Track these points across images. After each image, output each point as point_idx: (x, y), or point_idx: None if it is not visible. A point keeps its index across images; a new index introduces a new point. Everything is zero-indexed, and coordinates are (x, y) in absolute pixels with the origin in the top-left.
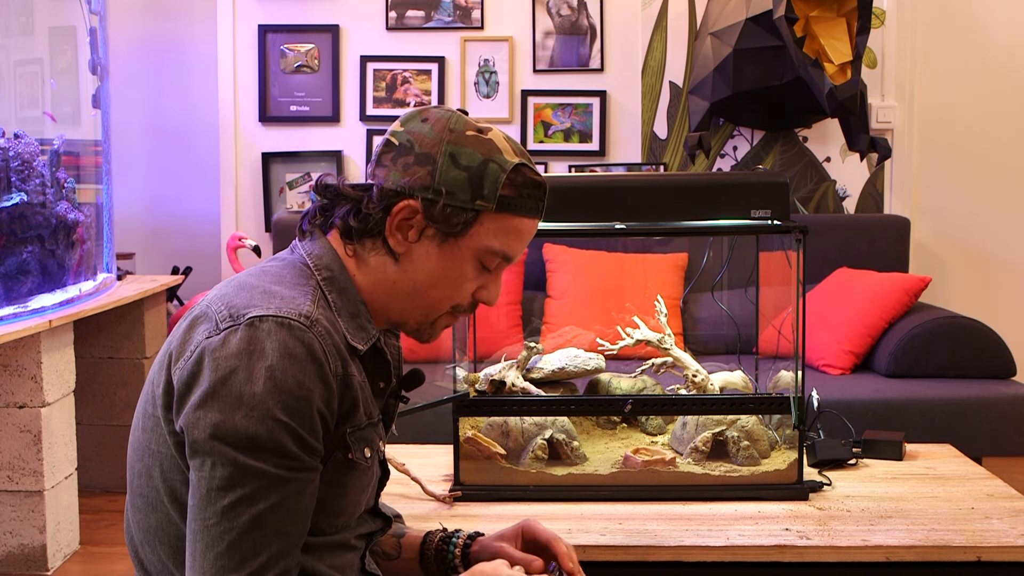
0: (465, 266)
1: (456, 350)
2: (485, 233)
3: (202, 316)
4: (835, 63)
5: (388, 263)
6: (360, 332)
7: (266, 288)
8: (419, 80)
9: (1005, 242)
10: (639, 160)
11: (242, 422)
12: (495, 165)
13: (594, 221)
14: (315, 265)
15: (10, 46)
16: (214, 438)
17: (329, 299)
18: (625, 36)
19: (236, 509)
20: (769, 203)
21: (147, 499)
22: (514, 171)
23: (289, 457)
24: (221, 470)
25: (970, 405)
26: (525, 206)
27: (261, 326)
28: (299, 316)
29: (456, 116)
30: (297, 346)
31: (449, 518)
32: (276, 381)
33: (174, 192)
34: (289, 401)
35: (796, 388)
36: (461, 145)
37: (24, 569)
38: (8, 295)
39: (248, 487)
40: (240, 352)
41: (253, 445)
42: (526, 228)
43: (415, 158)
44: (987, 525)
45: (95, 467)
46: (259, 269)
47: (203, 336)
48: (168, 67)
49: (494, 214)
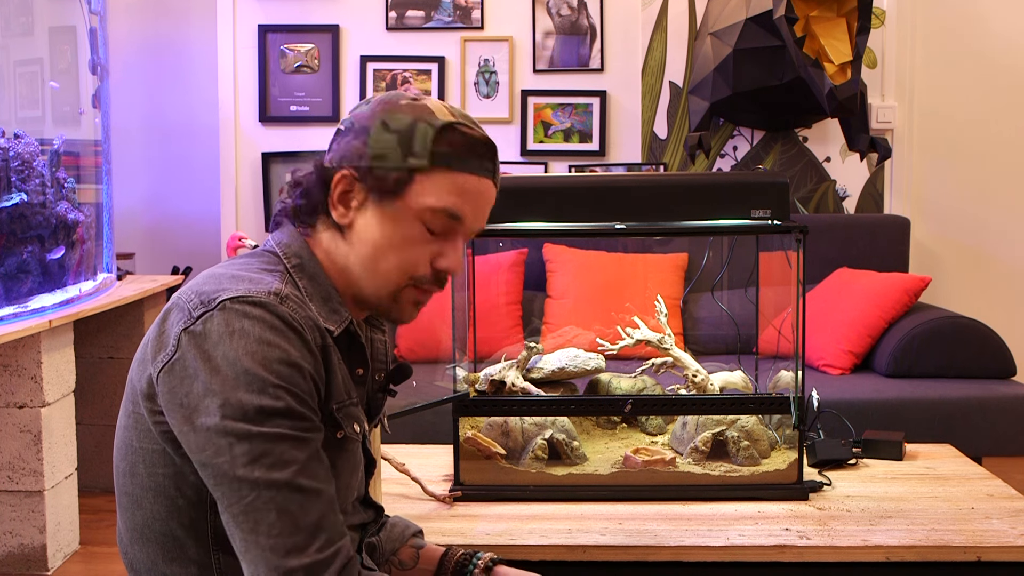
0: (409, 229)
1: (456, 350)
2: (423, 192)
3: (173, 307)
4: (835, 63)
5: (338, 238)
6: (333, 315)
7: (234, 274)
8: (419, 80)
9: (1005, 242)
10: (639, 160)
11: (245, 396)
12: (424, 124)
13: (594, 221)
14: (284, 253)
15: (10, 46)
16: (224, 419)
17: (300, 285)
18: (625, 36)
19: (271, 476)
20: (769, 203)
21: (132, 496)
22: (446, 128)
23: (300, 418)
24: (240, 446)
25: (970, 405)
26: (463, 162)
27: (233, 307)
28: (268, 294)
29: (398, 94)
30: (273, 319)
31: (449, 518)
32: (263, 354)
33: (174, 192)
34: (281, 369)
35: (796, 388)
36: (393, 112)
37: (24, 569)
38: (8, 295)
39: (273, 454)
40: (221, 335)
41: (264, 414)
42: (471, 186)
43: (353, 134)
44: (987, 525)
45: (95, 467)
46: (228, 261)
47: (179, 327)
48: (168, 67)
49: (430, 172)
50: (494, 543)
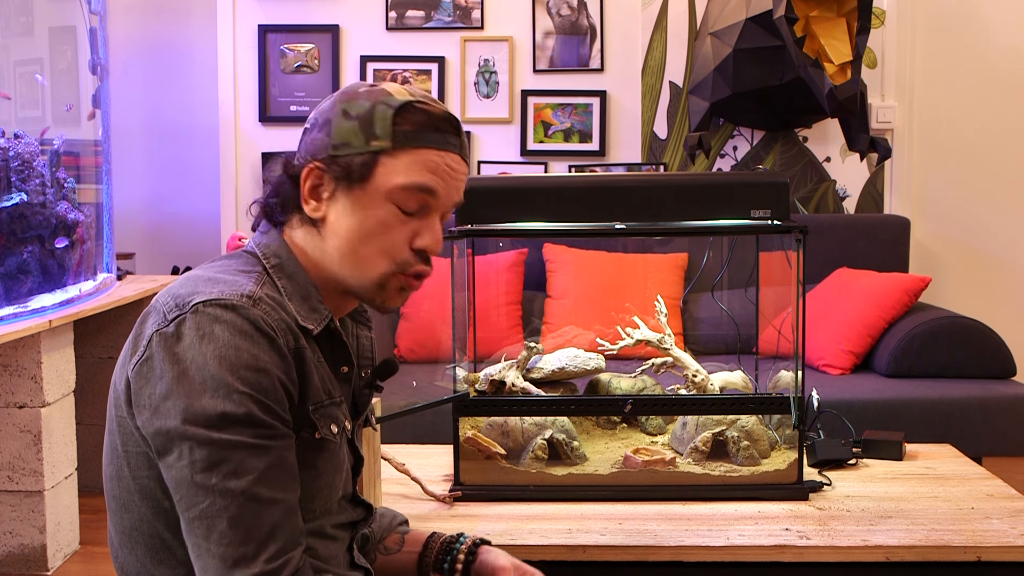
0: (383, 212)
1: (456, 350)
2: (390, 172)
3: (151, 310)
4: (835, 63)
5: (313, 233)
6: (312, 314)
7: (210, 276)
8: (419, 80)
9: (1005, 242)
10: (639, 160)
11: (209, 402)
12: (383, 106)
13: (594, 221)
14: (263, 254)
15: (10, 46)
16: (185, 423)
17: (279, 285)
18: (625, 36)
19: (226, 485)
20: (769, 203)
21: (119, 500)
22: (405, 107)
23: (262, 426)
24: (200, 452)
25: (970, 405)
26: (427, 138)
27: (206, 310)
28: (240, 296)
29: (356, 83)
30: (244, 324)
31: (449, 518)
32: (232, 359)
33: (174, 192)
34: (248, 375)
35: (796, 388)
36: (352, 100)
37: (24, 569)
38: (8, 295)
39: (231, 462)
40: (192, 339)
41: (225, 421)
42: (440, 161)
43: (317, 128)
44: (987, 525)
45: (95, 467)
46: (208, 263)
47: (152, 329)
48: (168, 67)
49: (394, 152)
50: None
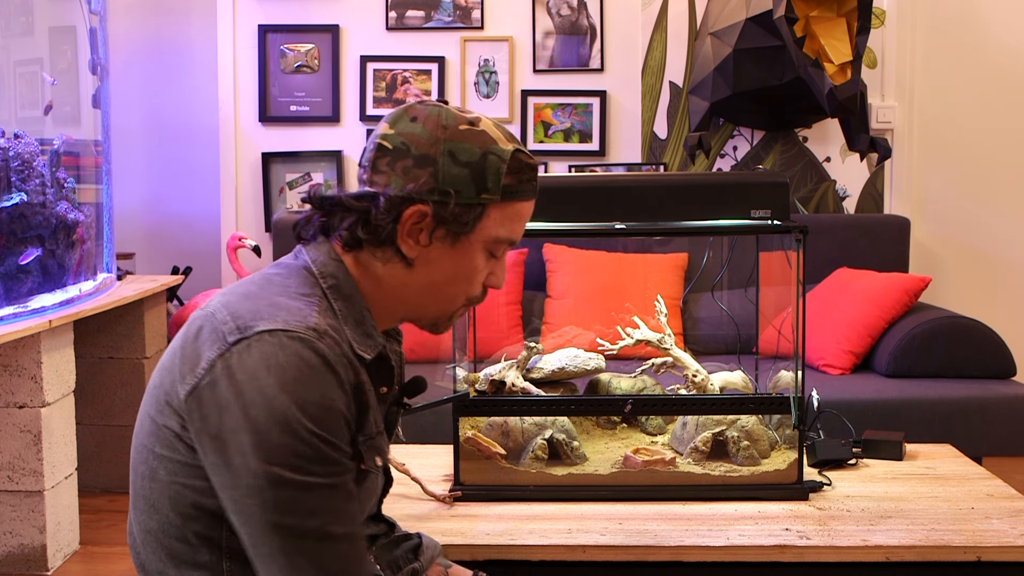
0: (477, 259)
1: (456, 350)
2: (492, 224)
3: (206, 324)
4: (835, 63)
5: (399, 269)
6: (366, 340)
7: (272, 300)
8: (419, 80)
9: (1005, 242)
10: (639, 160)
11: (280, 440)
12: (494, 157)
13: (594, 221)
14: (320, 272)
15: (10, 46)
16: (258, 461)
17: (335, 307)
18: (625, 36)
19: (301, 524)
20: (769, 203)
21: (149, 501)
22: (511, 159)
23: (331, 463)
24: (271, 492)
25: (970, 405)
26: (525, 190)
27: (272, 339)
28: (307, 329)
29: (445, 111)
30: (312, 357)
31: (449, 518)
32: (301, 395)
33: (174, 192)
34: (317, 412)
35: (796, 388)
36: (458, 141)
37: (24, 569)
38: (8, 295)
39: (305, 502)
40: (257, 368)
41: (298, 458)
42: (526, 210)
43: (413, 160)
44: (987, 525)
45: (95, 467)
46: (263, 277)
47: (214, 352)
48: (168, 67)
49: (499, 204)
50: (494, 543)
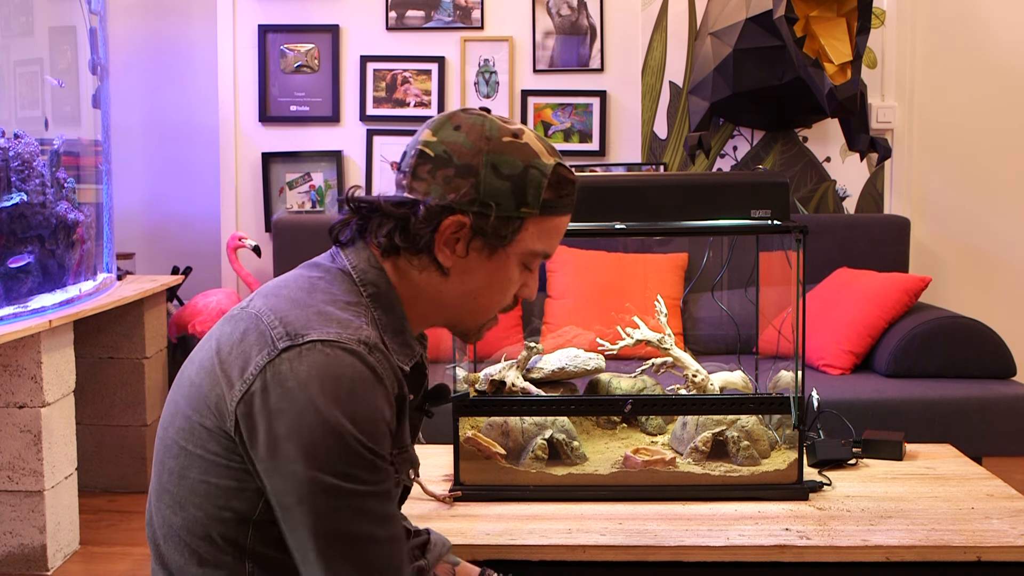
0: (512, 271)
1: (456, 350)
2: (530, 238)
3: (252, 328)
4: (835, 63)
5: (435, 277)
6: (405, 350)
7: (320, 309)
8: (419, 80)
9: (1005, 242)
10: (639, 160)
11: (331, 450)
12: (536, 171)
13: (594, 221)
14: (360, 280)
15: (10, 46)
16: (308, 468)
17: (375, 316)
18: (625, 36)
19: (351, 531)
20: (769, 203)
21: (175, 497)
22: (553, 173)
23: (379, 471)
24: (322, 500)
25: (970, 405)
26: (564, 205)
27: (324, 350)
28: (359, 342)
29: (489, 121)
30: (364, 370)
31: (449, 518)
32: (351, 407)
33: (174, 192)
34: (367, 426)
35: (796, 388)
36: (501, 153)
37: (24, 569)
38: (8, 295)
39: (353, 509)
40: (310, 379)
41: (348, 465)
42: (563, 225)
43: (455, 170)
44: (987, 525)
45: (95, 467)
46: (308, 282)
47: (263, 357)
48: (168, 67)
49: (537, 218)
50: (494, 543)
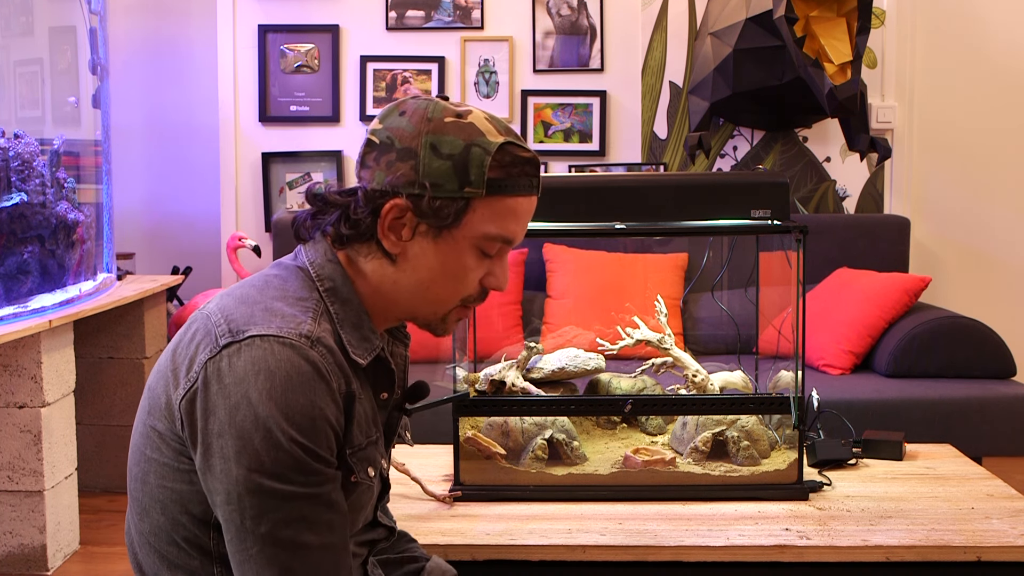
0: (465, 257)
1: (456, 350)
2: (480, 220)
3: (201, 326)
4: (835, 63)
5: (385, 265)
6: (363, 343)
7: (268, 305)
8: (419, 80)
9: (1005, 242)
10: (639, 160)
11: (262, 448)
12: (478, 149)
13: (594, 221)
14: (317, 275)
15: (10, 46)
16: (239, 467)
17: (331, 311)
18: (625, 36)
19: (277, 534)
20: (769, 203)
21: (141, 503)
22: (499, 151)
23: (313, 473)
24: (250, 499)
25: (970, 405)
26: (517, 185)
27: (263, 345)
28: (300, 336)
29: (434, 104)
30: (303, 364)
31: (449, 518)
32: (288, 402)
33: (174, 192)
34: (303, 422)
35: (796, 388)
36: (441, 134)
37: (24, 569)
38: (8, 295)
39: (282, 511)
40: (246, 375)
41: (277, 470)
42: (522, 207)
43: (396, 154)
44: (987, 525)
45: (95, 467)
46: (262, 279)
47: (205, 355)
48: (168, 67)
49: (486, 199)
50: (494, 543)
